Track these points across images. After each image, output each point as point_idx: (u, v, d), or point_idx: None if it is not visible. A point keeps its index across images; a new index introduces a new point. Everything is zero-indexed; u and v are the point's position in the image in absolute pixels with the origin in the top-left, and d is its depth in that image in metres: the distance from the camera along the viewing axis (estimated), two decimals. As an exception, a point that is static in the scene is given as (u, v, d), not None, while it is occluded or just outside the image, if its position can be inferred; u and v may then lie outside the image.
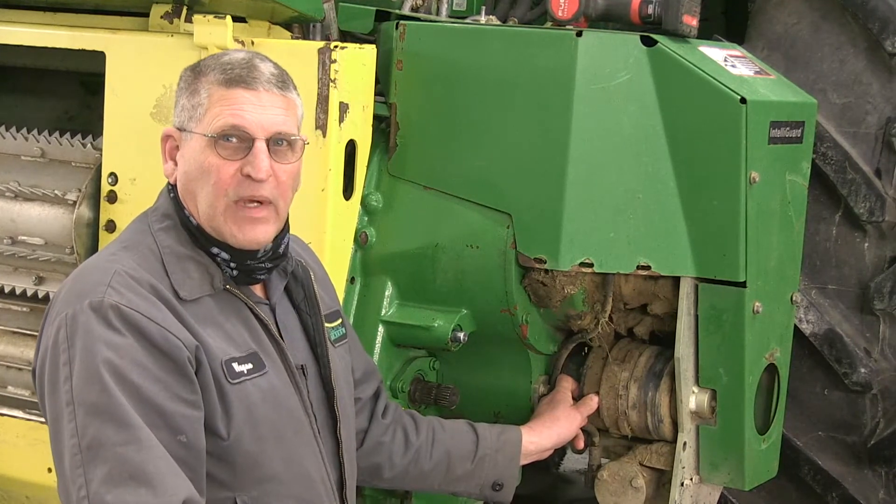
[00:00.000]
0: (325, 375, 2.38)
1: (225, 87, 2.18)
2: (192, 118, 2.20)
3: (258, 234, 2.21)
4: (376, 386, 2.73)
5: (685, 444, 2.90)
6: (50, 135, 3.05)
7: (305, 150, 2.28)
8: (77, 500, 2.00)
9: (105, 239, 2.92)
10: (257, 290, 2.32)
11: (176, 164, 2.25)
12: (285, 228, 2.29)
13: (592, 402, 2.97)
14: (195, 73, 2.23)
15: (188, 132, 2.21)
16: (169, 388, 2.06)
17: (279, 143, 2.20)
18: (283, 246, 2.29)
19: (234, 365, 2.17)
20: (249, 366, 2.19)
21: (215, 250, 2.22)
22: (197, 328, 2.14)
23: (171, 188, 2.28)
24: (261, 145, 2.17)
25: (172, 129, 2.25)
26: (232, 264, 2.23)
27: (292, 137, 2.22)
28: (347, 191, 2.87)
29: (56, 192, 2.96)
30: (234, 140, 2.17)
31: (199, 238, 2.22)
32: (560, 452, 4.06)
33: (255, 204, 2.19)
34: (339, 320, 2.52)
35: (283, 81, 2.23)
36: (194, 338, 2.12)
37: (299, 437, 2.28)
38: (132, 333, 2.06)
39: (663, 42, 2.76)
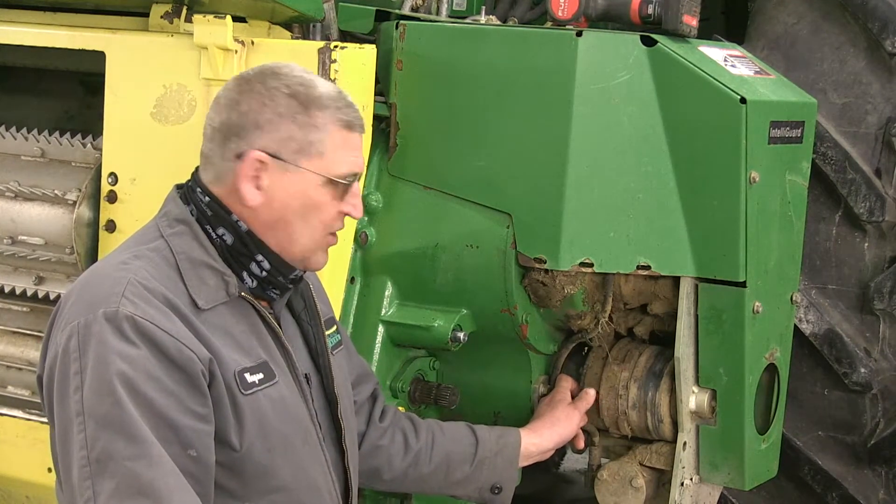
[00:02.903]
0: (328, 385, 2.38)
1: (347, 129, 2.22)
2: (302, 152, 2.18)
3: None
4: (371, 389, 2.73)
5: (685, 443, 2.90)
6: (50, 135, 3.05)
7: None
8: None
9: (105, 239, 2.92)
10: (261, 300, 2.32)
11: (259, 190, 2.20)
12: None
13: (590, 395, 2.96)
14: (302, 102, 2.18)
15: (292, 165, 2.18)
16: (181, 401, 2.04)
17: None
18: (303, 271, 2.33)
19: (247, 375, 2.16)
20: (261, 375, 2.18)
21: (259, 257, 2.22)
22: (210, 339, 2.12)
23: (180, 192, 2.26)
24: (357, 186, 2.26)
25: (265, 156, 2.18)
26: (264, 273, 2.23)
27: None
28: (348, 191, 2.87)
29: (56, 192, 2.96)
30: (353, 184, 2.24)
31: (247, 243, 2.21)
32: (560, 452, 4.06)
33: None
34: (335, 327, 2.53)
35: None
36: (207, 350, 2.10)
37: (307, 447, 2.28)
38: (146, 345, 2.03)
39: (663, 42, 2.76)
